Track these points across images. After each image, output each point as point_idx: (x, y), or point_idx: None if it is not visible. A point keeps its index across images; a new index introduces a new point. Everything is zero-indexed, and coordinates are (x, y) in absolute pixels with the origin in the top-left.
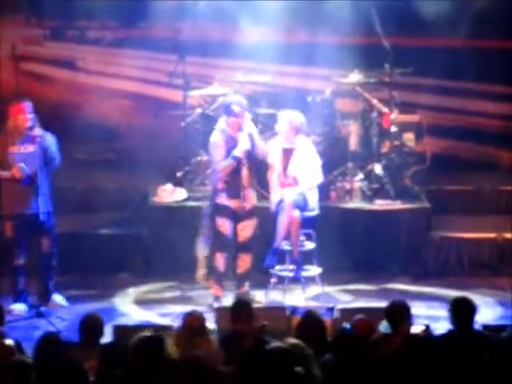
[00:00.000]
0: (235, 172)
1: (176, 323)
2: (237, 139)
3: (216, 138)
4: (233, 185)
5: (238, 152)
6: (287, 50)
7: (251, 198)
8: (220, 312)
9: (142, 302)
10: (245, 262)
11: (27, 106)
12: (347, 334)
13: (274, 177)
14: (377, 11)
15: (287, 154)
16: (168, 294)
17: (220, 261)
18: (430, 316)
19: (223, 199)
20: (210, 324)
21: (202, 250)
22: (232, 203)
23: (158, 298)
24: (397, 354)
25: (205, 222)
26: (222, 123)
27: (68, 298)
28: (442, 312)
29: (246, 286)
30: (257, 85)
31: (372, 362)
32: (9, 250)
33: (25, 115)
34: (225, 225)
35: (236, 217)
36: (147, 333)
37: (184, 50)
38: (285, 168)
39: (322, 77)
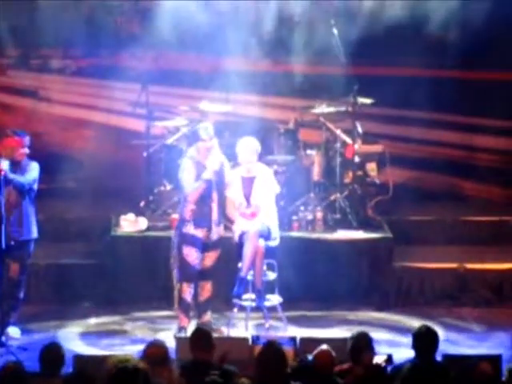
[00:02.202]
0: (204, 201)
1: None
2: (205, 166)
3: (185, 163)
4: (201, 214)
5: (208, 174)
6: (250, 80)
7: (219, 229)
8: (180, 341)
9: (100, 333)
10: (205, 290)
11: (27, 140)
12: (308, 365)
13: (233, 208)
14: (339, 41)
15: (248, 182)
16: (129, 325)
17: (187, 291)
18: (392, 343)
19: (191, 229)
20: (172, 353)
21: (175, 280)
22: (199, 233)
23: (119, 330)
24: None
25: (173, 252)
26: (191, 151)
27: (29, 329)
28: (403, 340)
29: (208, 315)
30: (220, 115)
31: None
32: None
33: (24, 149)
34: (192, 255)
35: (203, 246)
36: (124, 362)
37: (147, 80)
38: (247, 197)
39: (286, 107)
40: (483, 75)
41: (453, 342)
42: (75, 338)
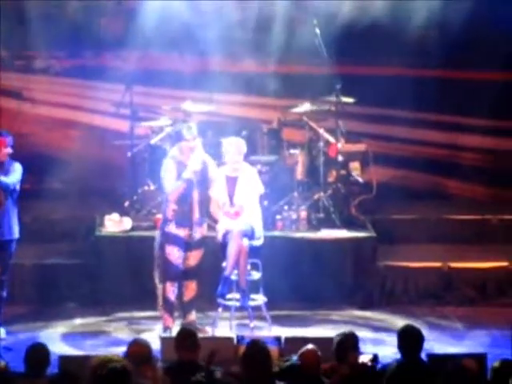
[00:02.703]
0: (184, 200)
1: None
2: (186, 165)
3: (167, 163)
4: (182, 213)
5: (188, 173)
6: (233, 80)
7: (202, 228)
8: (165, 341)
9: (85, 334)
10: (190, 289)
11: (10, 140)
12: (293, 365)
13: (217, 207)
14: (322, 40)
15: (232, 182)
16: (113, 325)
17: (170, 290)
18: (376, 342)
19: (172, 228)
20: (156, 353)
21: (158, 280)
22: (181, 232)
23: (103, 330)
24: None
25: (156, 252)
26: (173, 151)
27: (14, 329)
28: (387, 339)
29: (193, 314)
30: (203, 114)
31: None
32: None
33: (7, 149)
34: (174, 254)
35: (186, 246)
36: (114, 363)
37: (131, 80)
38: (231, 196)
39: (269, 106)
40: (467, 75)
41: (437, 341)
42: (60, 339)
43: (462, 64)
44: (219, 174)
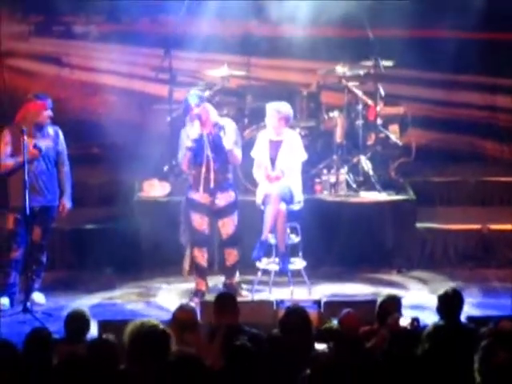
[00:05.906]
0: (199, 166)
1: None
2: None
3: (181, 134)
4: (200, 179)
5: (188, 142)
6: (272, 44)
7: (226, 195)
8: (205, 306)
9: (123, 299)
10: (231, 255)
11: (50, 103)
12: (333, 328)
13: (259, 170)
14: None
15: (275, 146)
16: (152, 291)
17: (199, 255)
18: (415, 305)
19: (194, 194)
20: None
21: (184, 244)
22: (203, 199)
23: (142, 295)
24: (384, 346)
25: (182, 217)
26: (187, 119)
27: (54, 294)
28: (427, 302)
29: (236, 278)
30: (242, 78)
31: (360, 354)
32: (7, 242)
33: (47, 112)
34: (197, 219)
35: (211, 212)
36: (153, 327)
37: (170, 45)
38: (273, 160)
39: (308, 70)
40: (505, 36)
41: (477, 304)
42: (99, 304)
43: (500, 26)
44: (261, 137)
